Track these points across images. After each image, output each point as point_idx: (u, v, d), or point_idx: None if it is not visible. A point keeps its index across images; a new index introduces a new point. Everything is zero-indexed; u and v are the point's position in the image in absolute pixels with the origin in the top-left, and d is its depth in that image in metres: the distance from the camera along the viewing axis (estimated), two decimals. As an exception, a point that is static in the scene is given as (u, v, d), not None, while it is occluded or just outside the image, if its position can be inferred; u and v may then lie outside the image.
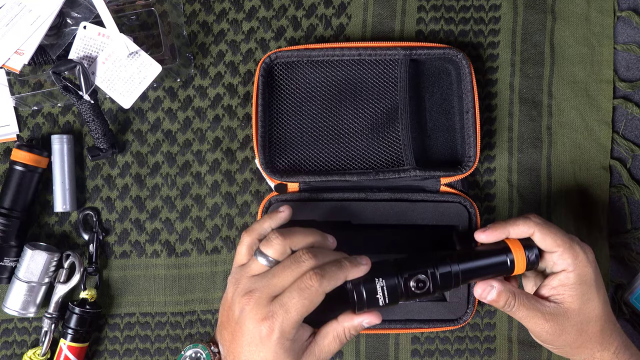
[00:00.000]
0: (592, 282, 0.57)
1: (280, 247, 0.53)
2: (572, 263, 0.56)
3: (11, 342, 0.68)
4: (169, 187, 0.69)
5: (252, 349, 0.52)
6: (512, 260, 0.57)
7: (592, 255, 0.57)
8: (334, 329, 0.54)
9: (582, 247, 0.57)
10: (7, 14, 0.61)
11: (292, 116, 0.67)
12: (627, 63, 0.71)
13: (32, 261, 0.65)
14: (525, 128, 0.70)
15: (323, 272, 0.51)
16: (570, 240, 0.57)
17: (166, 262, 0.69)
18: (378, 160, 0.67)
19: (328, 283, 0.51)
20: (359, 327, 0.54)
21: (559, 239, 0.56)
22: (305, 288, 0.51)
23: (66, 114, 0.69)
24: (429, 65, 0.68)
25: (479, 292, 0.57)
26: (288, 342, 0.51)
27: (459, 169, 0.65)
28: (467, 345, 0.69)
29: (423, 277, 0.55)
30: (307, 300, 0.50)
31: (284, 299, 0.51)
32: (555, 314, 0.56)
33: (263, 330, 0.51)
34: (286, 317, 0.50)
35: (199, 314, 0.69)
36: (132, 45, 0.61)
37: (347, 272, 0.53)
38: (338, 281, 0.52)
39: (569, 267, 0.56)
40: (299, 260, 0.52)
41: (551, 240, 0.56)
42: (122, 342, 0.69)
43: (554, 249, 0.56)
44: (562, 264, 0.56)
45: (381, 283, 0.54)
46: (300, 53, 0.65)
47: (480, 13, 0.70)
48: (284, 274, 0.52)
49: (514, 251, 0.57)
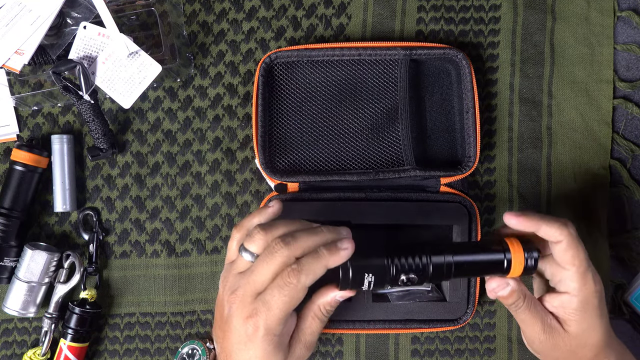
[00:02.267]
0: (595, 310, 0.55)
1: (262, 242, 0.52)
2: (577, 288, 0.54)
3: (11, 342, 0.68)
4: (169, 187, 0.69)
5: (241, 347, 0.52)
6: (509, 261, 0.54)
7: (600, 285, 0.55)
8: (310, 309, 0.54)
9: (593, 275, 0.55)
10: (7, 14, 0.61)
11: (292, 116, 0.67)
12: (627, 63, 0.71)
13: (32, 261, 0.65)
14: (525, 128, 0.70)
15: (300, 267, 0.50)
16: (587, 265, 0.54)
17: (166, 262, 0.69)
18: (378, 160, 0.67)
19: (306, 277, 0.50)
20: (333, 301, 0.54)
21: (579, 258, 0.54)
22: (284, 285, 0.50)
23: (66, 114, 0.69)
24: (429, 65, 0.68)
25: (493, 285, 0.55)
26: (276, 338, 0.51)
27: (459, 169, 0.65)
28: (467, 345, 0.69)
29: (412, 274, 0.53)
30: (288, 297, 0.50)
31: (266, 297, 0.50)
32: (554, 328, 0.56)
33: (249, 329, 0.51)
34: (269, 314, 0.50)
35: (199, 314, 0.69)
36: (132, 45, 0.61)
37: (325, 261, 0.51)
38: (317, 273, 0.50)
39: (573, 292, 0.54)
40: (271, 251, 0.51)
41: (571, 256, 0.54)
42: (122, 342, 0.69)
43: (568, 267, 0.54)
44: (568, 285, 0.55)
45: (369, 278, 0.52)
46: (300, 53, 0.65)
47: (480, 13, 0.70)
48: (261, 268, 0.51)
49: (513, 253, 0.54)
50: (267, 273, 0.51)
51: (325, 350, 0.69)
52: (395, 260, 0.53)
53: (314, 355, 0.69)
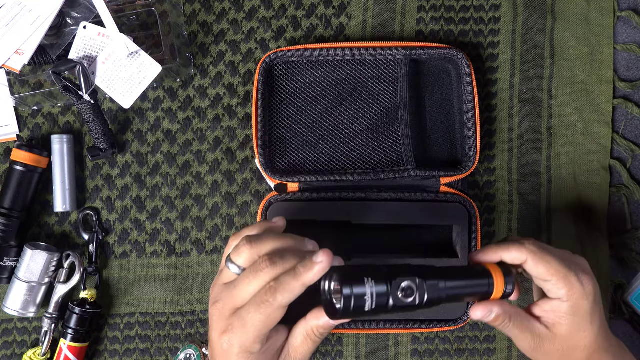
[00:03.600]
0: (586, 314, 0.54)
1: (247, 256, 0.50)
2: (565, 294, 0.53)
3: (11, 342, 0.68)
4: (169, 187, 0.69)
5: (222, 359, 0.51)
6: (492, 286, 0.54)
7: (590, 286, 0.54)
8: (303, 328, 0.52)
9: (579, 278, 0.54)
10: (7, 14, 0.61)
11: (292, 116, 0.67)
12: (627, 63, 0.71)
13: (32, 261, 0.65)
14: (525, 128, 0.70)
15: (277, 285, 0.48)
16: (566, 270, 0.53)
17: (166, 262, 0.69)
18: (378, 160, 0.67)
19: (282, 297, 0.47)
20: (327, 325, 0.51)
21: (552, 268, 0.53)
22: (260, 303, 0.48)
23: (66, 114, 0.69)
24: (429, 65, 0.68)
25: (479, 314, 0.54)
26: (254, 356, 0.50)
27: (459, 169, 0.65)
28: (467, 345, 0.69)
29: (412, 299, 0.50)
30: (264, 315, 0.48)
31: (242, 314, 0.49)
32: (543, 336, 0.55)
33: (224, 344, 0.49)
34: (244, 332, 0.49)
35: (199, 314, 0.69)
36: (132, 45, 0.61)
37: (302, 279, 0.48)
38: (294, 291, 0.48)
39: (563, 297, 0.54)
40: (257, 269, 0.49)
41: (544, 269, 0.53)
42: (122, 342, 0.69)
43: (546, 278, 0.54)
44: (556, 292, 0.54)
45: (370, 299, 0.48)
46: (300, 53, 0.65)
47: (480, 13, 0.70)
48: (244, 285, 0.49)
49: (495, 278, 0.54)
50: (249, 290, 0.49)
51: (325, 350, 0.69)
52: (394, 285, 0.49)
53: (314, 356, 0.69)
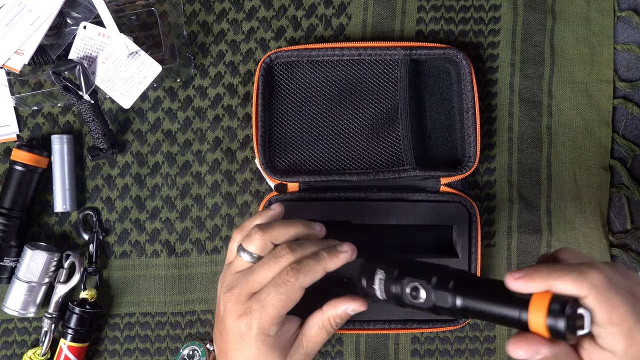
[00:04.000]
0: None
1: (260, 242, 0.52)
2: (622, 350, 0.42)
3: (11, 342, 0.68)
4: (169, 187, 0.69)
5: (236, 346, 0.51)
6: (525, 321, 0.42)
7: None
8: (319, 319, 0.53)
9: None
10: (7, 14, 0.61)
11: (292, 116, 0.67)
12: (627, 63, 0.71)
13: (32, 261, 0.65)
14: (525, 128, 0.70)
15: (299, 267, 0.50)
16: (634, 320, 0.41)
17: (166, 262, 0.69)
18: (378, 160, 0.67)
19: (304, 278, 0.49)
20: (344, 315, 0.52)
21: (616, 315, 0.41)
22: (282, 283, 0.49)
23: (66, 114, 0.69)
24: (429, 65, 0.68)
25: (520, 354, 0.43)
26: (270, 339, 0.50)
27: (459, 169, 0.65)
28: (467, 345, 0.69)
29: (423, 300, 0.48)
30: (284, 295, 0.49)
31: (262, 295, 0.50)
32: None
33: (242, 327, 0.50)
34: (263, 313, 0.50)
35: (199, 314, 0.69)
36: (132, 45, 0.61)
37: (325, 264, 0.50)
38: (316, 275, 0.50)
39: (618, 352, 0.42)
40: (277, 256, 0.51)
41: (605, 315, 0.41)
42: (122, 342, 0.69)
43: (604, 326, 0.42)
44: (610, 344, 0.42)
45: (380, 281, 0.50)
46: (300, 53, 0.65)
47: (480, 13, 0.70)
48: (263, 271, 0.51)
49: (532, 311, 0.42)
50: (267, 275, 0.51)
51: (325, 350, 0.69)
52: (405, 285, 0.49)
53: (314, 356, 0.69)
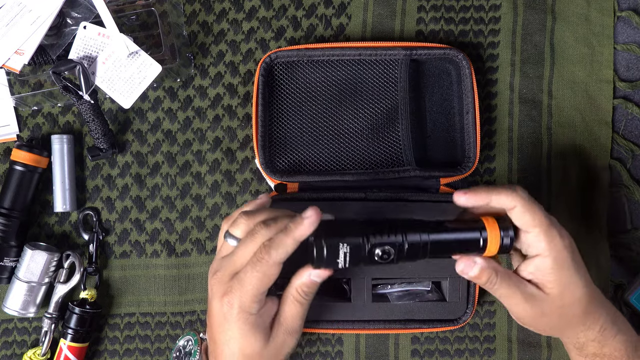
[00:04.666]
0: (569, 265, 0.54)
1: (244, 227, 0.53)
2: (546, 247, 0.53)
3: (11, 342, 0.68)
4: (169, 187, 0.69)
5: (221, 328, 0.52)
6: (485, 239, 0.53)
7: (568, 239, 0.54)
8: (289, 292, 0.54)
9: (559, 231, 0.54)
10: (7, 14, 0.61)
11: (292, 116, 0.67)
12: (627, 63, 0.71)
13: (32, 261, 0.65)
14: (525, 128, 0.70)
15: (270, 243, 0.51)
16: (549, 222, 0.53)
17: (166, 262, 0.69)
18: (378, 160, 0.67)
19: (276, 252, 0.50)
20: (309, 282, 0.53)
21: (537, 218, 0.53)
22: (256, 261, 0.50)
23: (66, 114, 0.69)
24: (429, 66, 0.68)
25: (461, 267, 0.54)
26: (252, 317, 0.52)
27: (459, 169, 0.65)
28: (467, 345, 0.69)
29: (388, 249, 0.51)
30: (260, 272, 0.50)
31: (240, 274, 0.51)
32: (534, 295, 0.54)
33: (224, 307, 0.51)
34: (242, 291, 0.51)
35: (199, 314, 0.69)
36: (132, 45, 0.61)
37: (292, 234, 0.51)
38: (287, 247, 0.51)
39: (544, 252, 0.53)
40: (253, 233, 0.52)
41: (530, 219, 0.53)
42: (122, 342, 0.69)
43: (530, 229, 0.53)
44: (537, 247, 0.53)
45: (345, 249, 0.51)
46: (300, 53, 0.65)
47: (480, 13, 0.70)
48: (241, 251, 0.52)
49: (488, 230, 0.53)
50: (246, 254, 0.52)
51: (325, 350, 0.69)
52: (371, 236, 0.52)
53: (315, 356, 0.69)
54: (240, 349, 0.52)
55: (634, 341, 0.58)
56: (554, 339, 0.69)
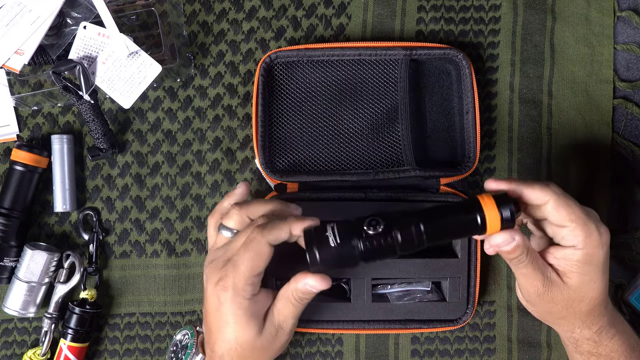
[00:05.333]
0: (599, 264, 0.53)
1: (238, 217, 0.54)
2: (582, 241, 0.52)
3: (11, 342, 0.68)
4: (169, 187, 0.69)
5: (216, 313, 0.53)
6: (482, 217, 0.51)
7: (606, 236, 0.54)
8: (285, 291, 0.54)
9: (597, 227, 0.53)
10: (7, 14, 0.61)
11: (292, 116, 0.67)
12: (627, 63, 0.71)
13: (32, 261, 0.65)
14: (525, 128, 0.70)
15: (265, 225, 0.52)
16: (586, 217, 0.53)
17: (166, 262, 0.69)
18: (378, 160, 0.67)
19: (269, 232, 0.51)
20: (304, 289, 0.53)
21: (573, 213, 0.52)
22: (248, 242, 0.51)
23: (66, 114, 0.69)
24: (429, 66, 0.68)
25: (499, 240, 0.52)
26: (246, 302, 0.52)
27: (459, 169, 0.65)
28: (467, 345, 0.69)
29: (377, 219, 0.51)
30: (252, 252, 0.51)
31: (233, 257, 0.52)
32: (553, 282, 0.54)
33: (219, 291, 0.52)
34: (236, 273, 0.51)
35: (199, 314, 0.69)
36: (132, 45, 0.61)
37: (290, 223, 0.52)
38: (281, 232, 0.52)
39: (578, 245, 0.53)
40: (252, 225, 0.53)
41: (565, 214, 0.52)
42: (122, 342, 0.69)
43: (565, 224, 0.52)
44: (571, 239, 0.53)
45: (332, 225, 0.51)
46: (300, 53, 0.65)
47: (480, 13, 0.70)
48: (238, 240, 0.53)
49: (485, 209, 0.51)
50: (241, 242, 0.53)
51: (325, 350, 0.69)
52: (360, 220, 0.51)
53: (315, 356, 0.69)
54: (235, 337, 0.53)
55: (632, 343, 0.58)
56: (553, 339, 0.69)
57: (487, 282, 0.69)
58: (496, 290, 0.69)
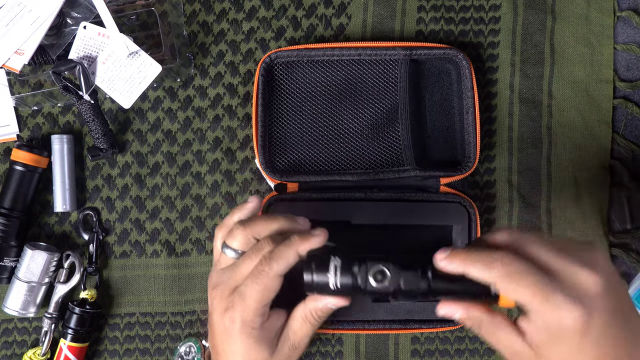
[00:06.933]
0: (570, 343, 0.43)
1: (242, 238, 0.52)
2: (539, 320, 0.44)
3: (11, 342, 0.68)
4: (169, 187, 0.69)
5: (224, 342, 0.51)
6: (496, 293, 0.46)
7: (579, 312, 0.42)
8: (302, 310, 0.52)
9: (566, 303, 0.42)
10: (7, 14, 0.61)
11: (292, 116, 0.67)
12: (627, 63, 0.71)
13: (32, 261, 0.65)
14: (525, 128, 0.70)
15: (272, 255, 0.49)
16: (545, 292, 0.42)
17: (166, 262, 0.69)
18: (378, 160, 0.67)
19: (277, 264, 0.49)
20: (325, 308, 0.51)
21: (526, 293, 0.43)
22: (257, 274, 0.49)
23: (66, 114, 0.69)
24: (429, 65, 0.68)
25: (441, 313, 0.48)
26: (255, 332, 0.50)
27: (459, 169, 0.65)
28: (467, 345, 0.69)
29: (383, 269, 0.47)
30: (261, 285, 0.49)
31: (241, 288, 0.50)
32: (518, 354, 0.46)
33: (226, 322, 0.50)
34: (244, 305, 0.49)
35: (199, 314, 0.69)
36: (132, 45, 0.61)
37: (295, 247, 0.49)
38: (289, 259, 0.49)
39: (537, 321, 0.44)
40: (258, 248, 0.51)
41: (514, 294, 0.44)
42: (122, 342, 0.69)
43: (522, 304, 0.44)
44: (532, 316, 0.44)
45: (335, 261, 0.48)
46: (300, 53, 0.65)
47: (480, 13, 0.70)
48: (245, 265, 0.51)
49: None
50: (249, 268, 0.50)
51: (325, 350, 0.69)
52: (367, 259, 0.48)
53: (315, 356, 0.69)
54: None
55: None
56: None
57: (487, 282, 0.69)
58: (496, 290, 0.69)
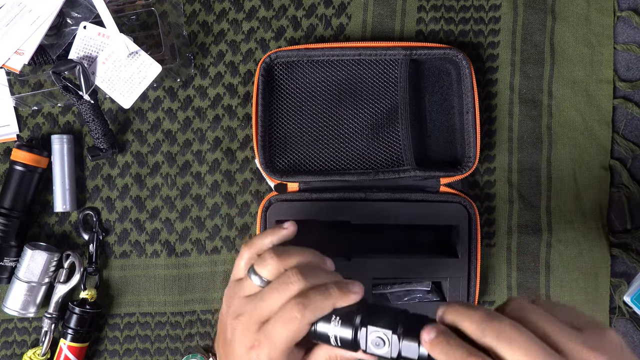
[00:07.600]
0: None
1: (273, 269, 0.49)
2: None
3: (11, 342, 0.68)
4: (169, 187, 0.69)
5: None
6: None
7: None
8: (327, 352, 0.50)
9: None
10: (7, 14, 0.61)
11: (292, 116, 0.67)
12: (627, 63, 0.71)
13: (32, 261, 0.65)
14: (525, 128, 0.70)
15: (307, 302, 0.47)
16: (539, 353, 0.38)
17: (166, 262, 0.69)
18: (378, 160, 0.67)
19: (312, 314, 0.46)
20: (352, 358, 0.48)
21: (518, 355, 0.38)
22: (289, 320, 0.47)
23: (66, 114, 0.69)
24: (429, 65, 0.68)
25: None
26: None
27: (459, 169, 0.65)
28: (467, 345, 0.69)
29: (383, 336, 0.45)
30: (291, 332, 0.47)
31: (269, 329, 0.48)
32: None
33: (252, 358, 0.48)
34: (272, 347, 0.47)
35: (198, 313, 0.69)
36: (132, 45, 0.61)
37: (334, 300, 0.47)
38: (324, 311, 0.47)
39: None
40: (287, 281, 0.48)
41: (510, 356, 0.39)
42: (122, 342, 0.69)
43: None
44: None
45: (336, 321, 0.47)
46: (300, 53, 0.65)
47: (480, 13, 0.70)
48: (272, 297, 0.48)
49: None
50: (276, 302, 0.48)
51: None
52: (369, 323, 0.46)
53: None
54: None
55: None
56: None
57: (487, 282, 0.69)
58: (496, 290, 0.69)
